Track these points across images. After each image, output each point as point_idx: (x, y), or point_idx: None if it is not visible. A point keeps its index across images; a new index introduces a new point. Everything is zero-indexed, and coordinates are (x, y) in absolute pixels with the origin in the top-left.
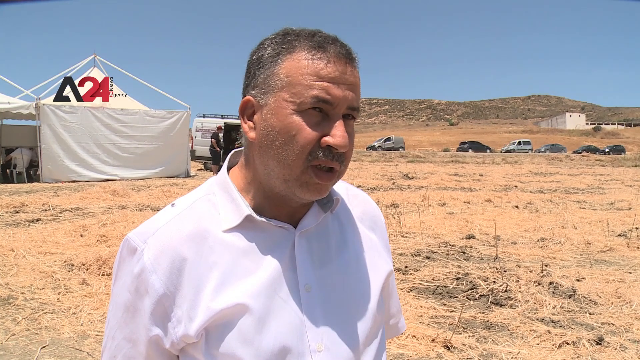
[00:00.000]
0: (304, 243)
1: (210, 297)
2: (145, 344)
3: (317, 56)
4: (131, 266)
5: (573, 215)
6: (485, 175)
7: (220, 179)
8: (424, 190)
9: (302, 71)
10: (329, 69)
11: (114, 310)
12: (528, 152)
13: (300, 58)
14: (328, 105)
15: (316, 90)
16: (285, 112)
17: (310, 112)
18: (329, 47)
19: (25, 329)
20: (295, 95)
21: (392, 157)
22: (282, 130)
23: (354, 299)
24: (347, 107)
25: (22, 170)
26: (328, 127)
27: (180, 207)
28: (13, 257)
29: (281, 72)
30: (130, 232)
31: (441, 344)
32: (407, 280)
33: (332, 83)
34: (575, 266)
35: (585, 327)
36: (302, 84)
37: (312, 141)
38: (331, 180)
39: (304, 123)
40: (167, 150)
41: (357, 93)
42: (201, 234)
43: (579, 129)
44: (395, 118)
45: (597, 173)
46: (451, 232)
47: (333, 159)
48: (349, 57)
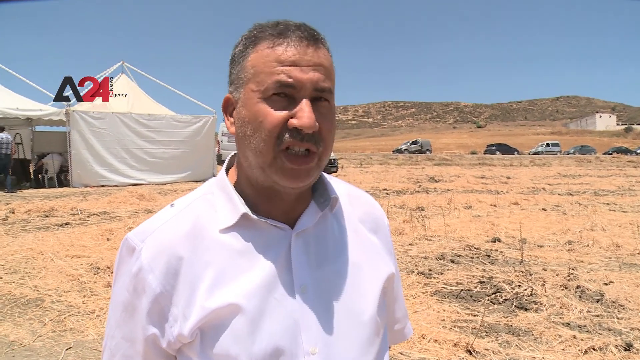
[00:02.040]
0: (300, 243)
1: (204, 296)
2: (143, 343)
3: (278, 43)
4: (129, 265)
5: (602, 218)
6: (512, 177)
7: (219, 178)
8: (450, 193)
9: (264, 60)
10: (289, 53)
11: (114, 309)
12: (556, 154)
13: (263, 48)
14: (292, 88)
15: (278, 75)
16: (252, 101)
17: (275, 97)
18: (289, 32)
19: (51, 331)
20: (259, 83)
21: (419, 160)
22: (251, 119)
23: (352, 301)
24: (314, 89)
25: (53, 176)
26: (294, 109)
27: (179, 207)
28: (42, 260)
29: (248, 65)
30: (130, 232)
31: (463, 349)
32: (431, 283)
33: (294, 65)
34: (603, 270)
35: (613, 333)
36: (264, 71)
37: (277, 125)
38: (307, 164)
39: (269, 108)
40: (193, 155)
41: (325, 74)
42: (198, 233)
43: (609, 130)
44: (422, 121)
45: (628, 174)
46: (476, 235)
47: (303, 140)
48: (311, 38)
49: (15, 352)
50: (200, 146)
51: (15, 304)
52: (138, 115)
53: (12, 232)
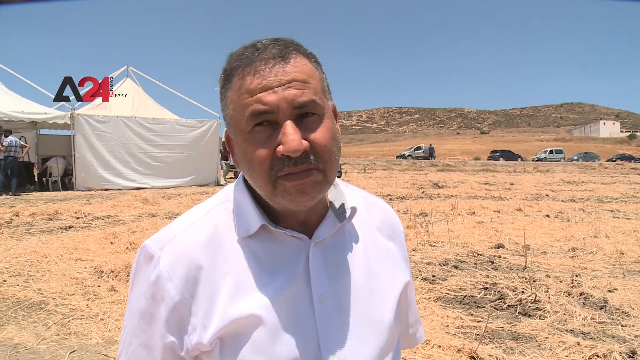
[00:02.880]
0: (318, 254)
1: (224, 306)
2: (161, 351)
3: (246, 72)
4: (148, 273)
5: (606, 225)
6: (516, 184)
7: (237, 187)
8: (453, 199)
9: (237, 94)
10: (257, 80)
11: (131, 316)
12: (560, 160)
13: (235, 81)
14: (269, 114)
15: (251, 105)
16: (239, 139)
17: (257, 129)
18: (255, 57)
19: (55, 334)
20: (239, 121)
21: (422, 166)
22: (243, 158)
23: (370, 310)
24: (293, 107)
25: (57, 179)
26: (279, 135)
27: (198, 215)
28: (46, 264)
29: (228, 103)
30: (148, 239)
31: (467, 355)
32: (434, 289)
33: (264, 91)
34: (607, 277)
35: (617, 340)
36: (240, 106)
37: (266, 158)
38: (309, 177)
39: (254, 143)
40: (197, 159)
41: (301, 87)
42: (217, 242)
43: (613, 137)
44: (426, 127)
45: (632, 182)
46: (480, 242)
47: (297, 164)
48: (279, 55)
49: (20, 355)
50: (204, 150)
51: (19, 307)
52: (142, 119)
53: (16, 235)
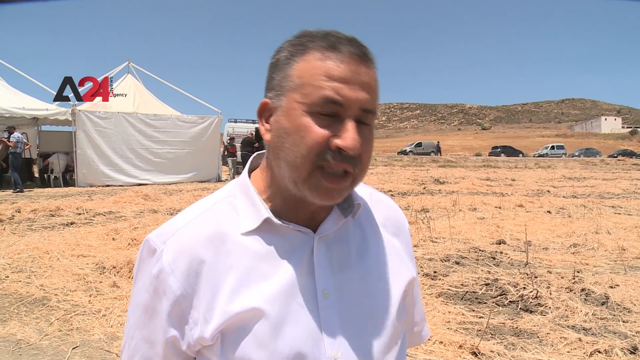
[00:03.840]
0: (323, 248)
1: (226, 300)
2: (163, 345)
3: (329, 56)
4: (150, 267)
5: (607, 221)
6: (517, 179)
7: (242, 181)
8: (454, 195)
9: (313, 72)
10: (340, 69)
11: (134, 310)
12: (561, 156)
13: (313, 59)
14: (339, 106)
15: (327, 90)
16: (296, 113)
17: (321, 115)
18: (342, 47)
19: (57, 330)
20: (306, 96)
21: (424, 162)
22: (292, 132)
23: (374, 306)
24: (360, 109)
25: (59, 175)
26: (339, 129)
27: (201, 209)
28: (48, 260)
29: (294, 74)
30: (151, 233)
31: (469, 351)
32: (436, 285)
33: (344, 83)
34: (608, 273)
35: (619, 336)
36: (313, 84)
37: (320, 143)
38: (342, 184)
39: (313, 124)
40: (198, 155)
41: (372, 95)
42: (220, 236)
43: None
44: (427, 122)
45: (633, 177)
46: (481, 238)
47: (343, 161)
48: (363, 57)
49: (22, 350)
50: (205, 146)
51: (21, 303)
52: (144, 115)
53: (18, 232)
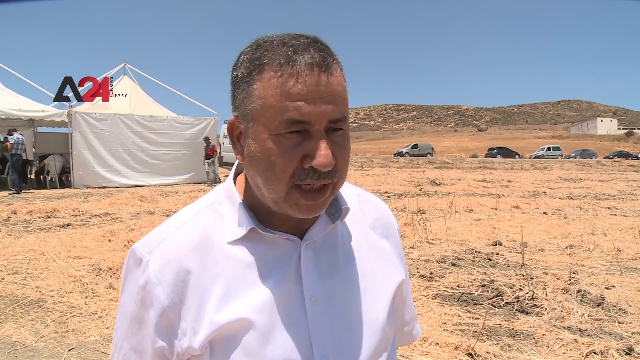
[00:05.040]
0: (310, 255)
1: (213, 310)
2: (151, 355)
3: (286, 72)
4: (137, 277)
5: (603, 222)
6: (513, 181)
7: (227, 187)
8: (451, 197)
9: (272, 92)
10: (299, 87)
11: (122, 320)
12: (557, 157)
13: (270, 77)
14: (305, 124)
15: (289, 113)
16: (263, 136)
17: (288, 134)
18: (298, 58)
19: (53, 332)
20: (269, 120)
21: (420, 164)
22: (262, 157)
23: (363, 311)
24: (329, 121)
25: (55, 177)
26: (309, 146)
27: (186, 217)
28: (44, 261)
29: (254, 95)
30: (137, 242)
31: (465, 352)
32: (432, 287)
33: (304, 101)
34: (604, 274)
35: (614, 337)
36: (274, 107)
37: (291, 165)
38: (322, 197)
39: (282, 147)
40: (195, 157)
41: (338, 104)
42: (206, 245)
43: (610, 134)
44: (423, 124)
45: (629, 179)
46: (478, 239)
47: (319, 178)
48: (322, 65)
49: (18, 352)
50: (202, 148)
51: (17, 304)
52: (140, 117)
53: (14, 233)
